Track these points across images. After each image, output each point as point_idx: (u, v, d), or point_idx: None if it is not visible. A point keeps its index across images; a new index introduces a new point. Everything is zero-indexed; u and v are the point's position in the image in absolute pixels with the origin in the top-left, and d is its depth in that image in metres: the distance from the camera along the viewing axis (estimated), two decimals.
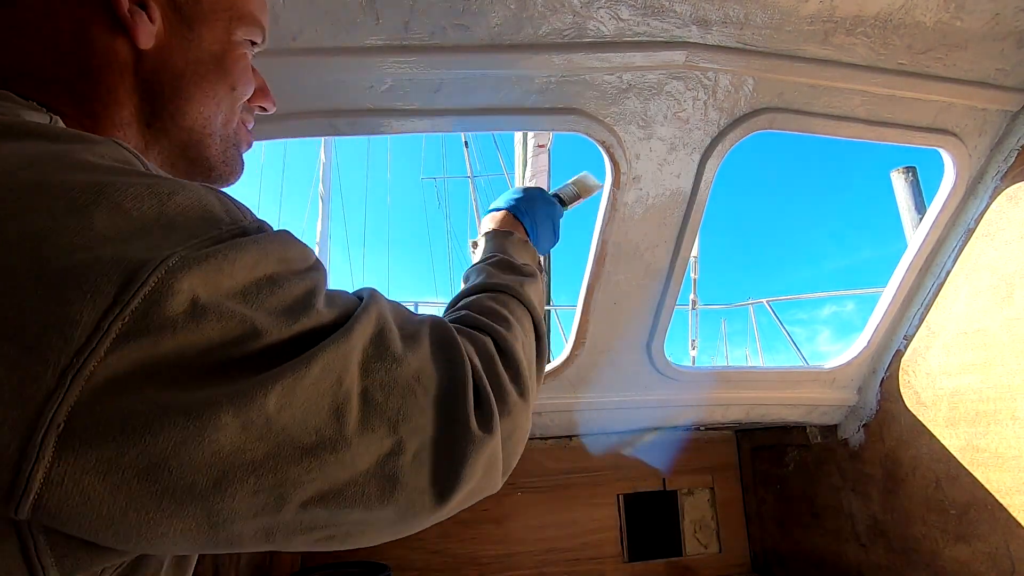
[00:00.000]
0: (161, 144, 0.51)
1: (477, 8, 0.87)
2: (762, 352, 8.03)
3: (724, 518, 1.97)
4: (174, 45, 0.50)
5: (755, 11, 0.94)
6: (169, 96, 0.50)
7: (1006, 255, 1.23)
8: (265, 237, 0.38)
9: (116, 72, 0.47)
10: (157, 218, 0.34)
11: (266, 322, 0.35)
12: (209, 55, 0.52)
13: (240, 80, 0.55)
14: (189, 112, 0.51)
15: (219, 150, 0.55)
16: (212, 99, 0.53)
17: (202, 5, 0.51)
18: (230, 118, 0.55)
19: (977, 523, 1.29)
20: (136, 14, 0.47)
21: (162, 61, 0.49)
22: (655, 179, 1.17)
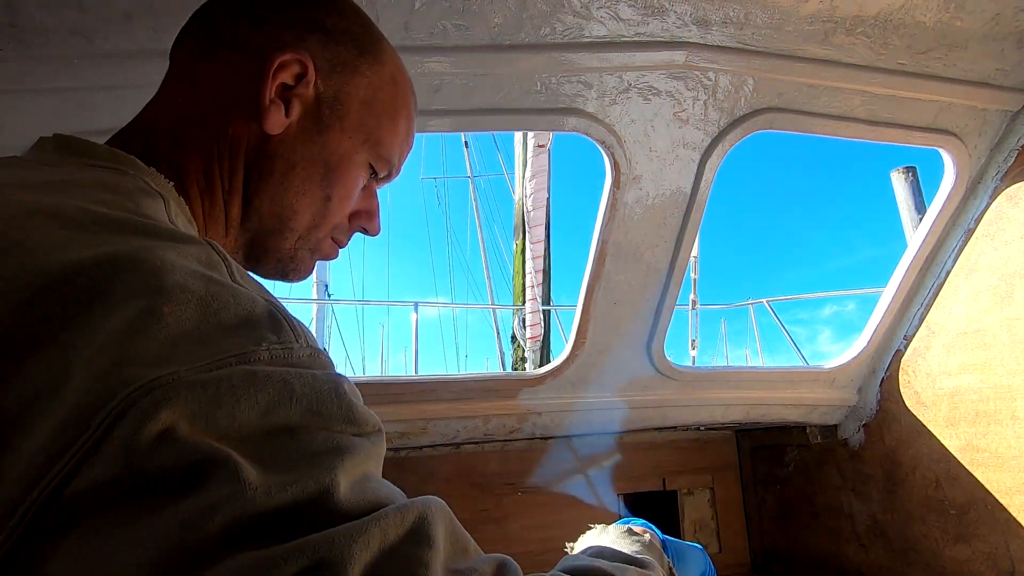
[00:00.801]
0: (251, 220, 0.55)
1: (477, 8, 0.87)
2: (762, 352, 8.03)
3: (724, 518, 1.97)
4: (299, 140, 0.54)
5: (755, 11, 0.94)
6: (276, 181, 0.54)
7: (1006, 255, 1.23)
8: (303, 375, 0.34)
9: (241, 146, 0.53)
10: (189, 331, 0.32)
11: (258, 483, 0.28)
12: (323, 160, 0.56)
13: (340, 193, 0.58)
14: (284, 200, 0.55)
15: (292, 247, 0.58)
16: (307, 197, 0.56)
17: (345, 120, 0.56)
18: (318, 223, 0.58)
19: (977, 523, 1.29)
20: (275, 104, 0.52)
21: (283, 149, 0.54)
22: (655, 179, 1.17)
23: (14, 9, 0.75)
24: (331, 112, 0.55)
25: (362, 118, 0.57)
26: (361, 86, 0.57)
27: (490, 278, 13.05)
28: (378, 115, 0.58)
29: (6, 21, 0.76)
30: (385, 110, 0.59)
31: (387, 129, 0.59)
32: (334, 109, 0.55)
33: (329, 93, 0.55)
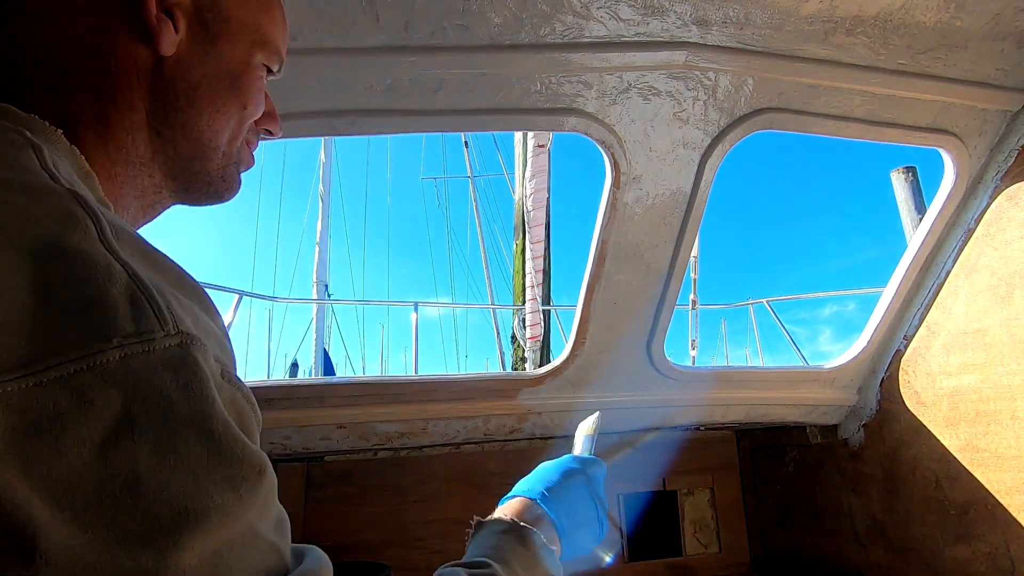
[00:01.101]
0: (167, 154, 0.51)
1: (477, 8, 0.87)
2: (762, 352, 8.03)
3: (724, 518, 1.97)
4: (194, 57, 0.50)
5: (755, 11, 0.94)
6: (182, 106, 0.50)
7: (1006, 255, 1.23)
8: (159, 390, 0.28)
9: (134, 76, 0.47)
10: (6, 318, 0.26)
11: (60, 562, 0.24)
12: (226, 72, 0.52)
13: (252, 100, 0.55)
14: (199, 124, 0.51)
15: (220, 166, 0.55)
16: (222, 114, 0.53)
17: (229, 24, 0.52)
18: (236, 135, 0.56)
19: (977, 523, 1.29)
20: (163, 21, 0.47)
21: (180, 71, 0.49)
22: (655, 179, 1.17)
23: None
24: (214, 18, 0.51)
25: (244, 17, 0.53)
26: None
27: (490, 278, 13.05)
28: (255, 8, 0.55)
29: None
30: (260, 3, 0.55)
31: (268, 22, 0.56)
32: (216, 14, 0.51)
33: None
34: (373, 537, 1.71)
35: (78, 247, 0.30)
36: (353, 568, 1.62)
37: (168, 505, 0.25)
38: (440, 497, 1.77)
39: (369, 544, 1.71)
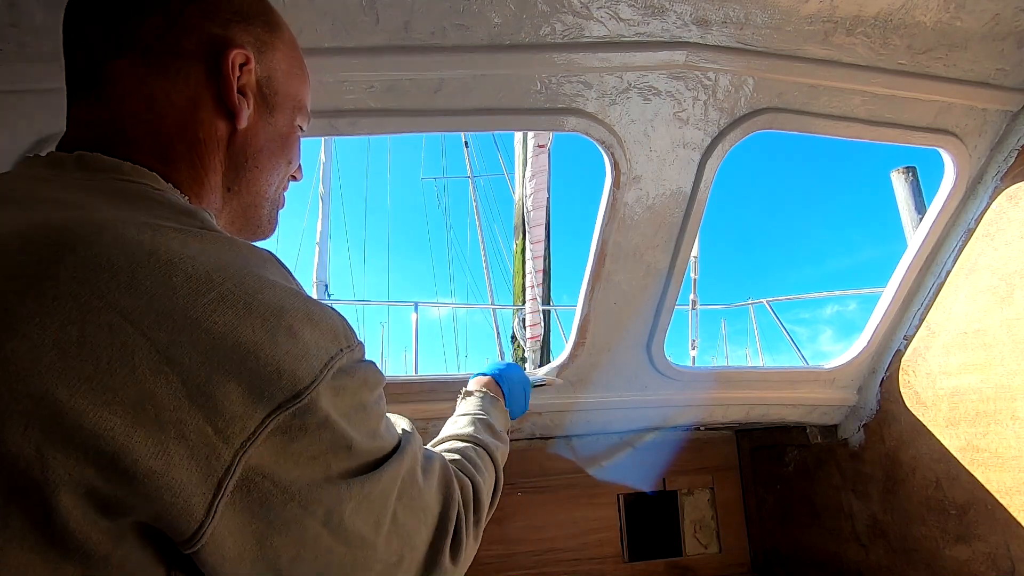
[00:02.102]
0: (232, 205, 0.61)
1: (477, 8, 0.87)
2: (762, 352, 8.03)
3: (724, 518, 1.97)
4: (259, 127, 0.60)
5: (755, 11, 0.94)
6: (249, 167, 0.60)
7: (1006, 255, 1.23)
8: (363, 365, 0.48)
9: (215, 145, 0.57)
10: (314, 341, 0.43)
11: (358, 441, 0.45)
12: (279, 135, 0.63)
13: (295, 156, 0.67)
14: (259, 180, 0.62)
15: (268, 212, 0.65)
16: (275, 170, 0.63)
17: (278, 97, 0.62)
18: (280, 186, 0.66)
19: (977, 523, 1.29)
20: (242, 100, 0.57)
21: (249, 139, 0.59)
22: (655, 179, 1.17)
23: (15, 9, 0.75)
24: (271, 92, 0.61)
25: (288, 89, 0.63)
26: (280, 59, 0.62)
27: (490, 278, 13.04)
28: (297, 81, 0.65)
29: (7, 21, 0.76)
30: (298, 73, 0.65)
31: (304, 90, 0.66)
32: (271, 88, 0.61)
33: (264, 75, 0.60)
34: None
35: (305, 294, 0.48)
36: None
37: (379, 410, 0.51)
38: None
39: None
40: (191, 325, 0.37)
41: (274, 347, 0.40)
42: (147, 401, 0.35)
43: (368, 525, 0.46)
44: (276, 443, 0.39)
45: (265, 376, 0.39)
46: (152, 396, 0.35)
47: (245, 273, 0.41)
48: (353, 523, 0.44)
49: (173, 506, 0.36)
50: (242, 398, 0.38)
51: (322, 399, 0.41)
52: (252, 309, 0.40)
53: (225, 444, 0.37)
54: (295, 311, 0.42)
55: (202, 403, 0.36)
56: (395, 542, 0.49)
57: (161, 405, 0.35)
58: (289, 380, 0.40)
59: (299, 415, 0.40)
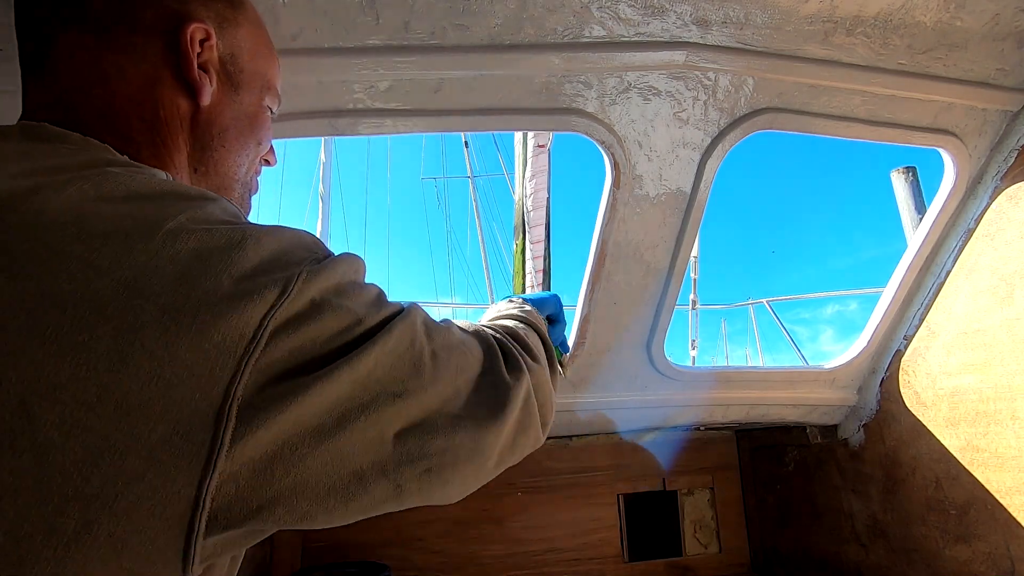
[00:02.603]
0: (200, 187, 0.58)
1: (477, 8, 0.87)
2: (762, 352, 8.03)
3: (724, 518, 1.97)
4: (224, 104, 0.59)
5: (755, 11, 0.94)
6: (215, 146, 0.59)
7: (1006, 255, 1.23)
8: (344, 257, 0.48)
9: (177, 124, 0.55)
10: (284, 249, 0.43)
11: (363, 312, 0.46)
12: (246, 115, 0.61)
13: (265, 137, 0.65)
14: (226, 160, 0.61)
15: (239, 194, 0.64)
16: (243, 151, 0.62)
17: (245, 74, 0.61)
18: (250, 168, 0.65)
19: (977, 523, 1.29)
20: (203, 76, 0.55)
21: (213, 117, 0.58)
22: (655, 179, 1.17)
23: (13, 8, 0.75)
24: (235, 70, 0.59)
25: (255, 67, 0.62)
26: (244, 36, 0.60)
27: (490, 278, 13.04)
28: (263, 59, 0.63)
29: (6, 21, 0.76)
30: (264, 52, 0.64)
31: (271, 68, 0.65)
32: (236, 65, 0.59)
33: (226, 52, 0.58)
34: (373, 537, 1.71)
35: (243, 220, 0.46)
36: (353, 568, 1.63)
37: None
38: None
39: (369, 544, 1.71)
40: (154, 258, 0.37)
41: (246, 262, 0.40)
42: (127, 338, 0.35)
43: (402, 370, 0.47)
44: (284, 341, 0.39)
45: (249, 286, 0.38)
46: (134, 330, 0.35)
47: (199, 208, 0.42)
48: (383, 373, 0.45)
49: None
50: (234, 309, 0.37)
51: (310, 288, 0.42)
52: (213, 232, 0.40)
53: (227, 356, 0.37)
54: (257, 232, 0.42)
55: (187, 324, 0.36)
56: (445, 376, 0.50)
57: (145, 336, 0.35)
58: (273, 282, 0.40)
59: (291, 309, 0.40)
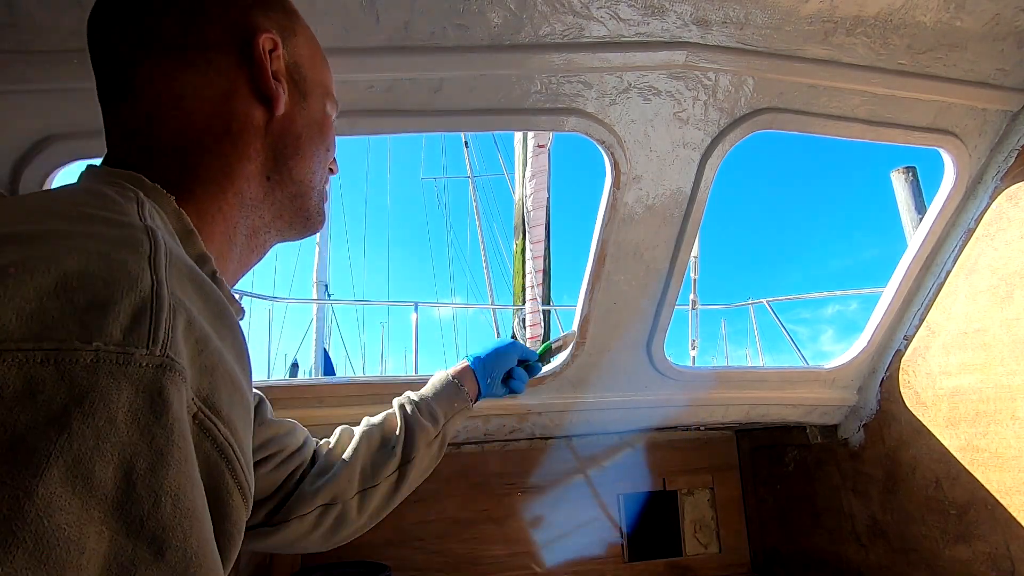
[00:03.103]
0: (275, 195, 0.59)
1: (477, 8, 0.87)
2: (762, 352, 8.03)
3: (724, 518, 1.97)
4: (295, 113, 0.59)
5: (755, 11, 0.94)
6: (290, 154, 0.59)
7: (1006, 255, 1.23)
8: (118, 419, 0.30)
9: (251, 134, 0.56)
10: (24, 302, 0.30)
11: None
12: (315, 122, 0.62)
13: (332, 143, 0.66)
14: (301, 168, 0.60)
15: (316, 202, 0.64)
16: (315, 158, 0.62)
17: (308, 82, 0.61)
18: (324, 175, 0.65)
19: (977, 523, 1.29)
20: (278, 87, 0.56)
21: (287, 126, 0.58)
22: (655, 179, 1.17)
23: (13, 8, 0.75)
24: (300, 79, 0.60)
25: (315, 76, 0.62)
26: (302, 44, 0.61)
27: (490, 278, 13.05)
28: (321, 66, 0.64)
29: (6, 21, 0.76)
30: (319, 58, 0.64)
31: (328, 76, 0.65)
32: (300, 73, 0.60)
33: (291, 60, 0.59)
34: (373, 537, 1.71)
35: (121, 258, 0.33)
36: (353, 568, 1.62)
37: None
38: (440, 497, 1.77)
39: (369, 544, 1.71)
40: None
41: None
42: None
43: None
44: None
45: None
46: None
47: None
48: None
49: None
50: None
51: None
52: None
53: None
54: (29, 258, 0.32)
55: None
56: None
57: None
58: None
59: None
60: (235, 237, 0.57)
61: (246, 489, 0.39)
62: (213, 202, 0.54)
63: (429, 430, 0.91)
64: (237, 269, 0.60)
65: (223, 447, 0.37)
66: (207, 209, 0.53)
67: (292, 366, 10.62)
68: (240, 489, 0.38)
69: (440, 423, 0.93)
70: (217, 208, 0.54)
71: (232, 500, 0.37)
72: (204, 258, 0.49)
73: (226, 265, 0.57)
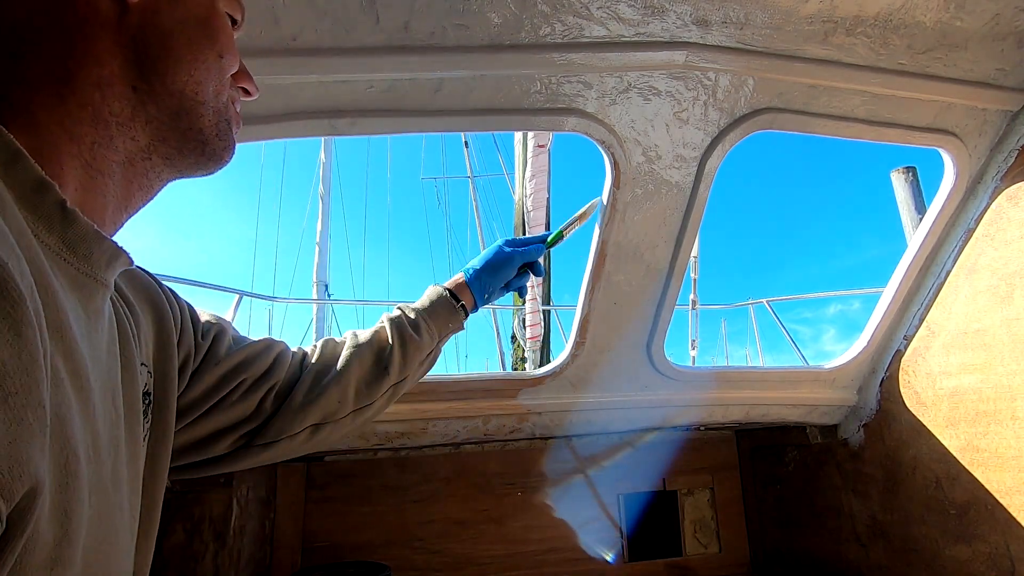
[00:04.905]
0: (148, 110, 0.49)
1: (477, 8, 0.87)
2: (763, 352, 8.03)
3: (724, 518, 1.97)
4: (161, 3, 0.48)
5: (755, 11, 0.94)
6: (157, 56, 0.48)
7: (1006, 255, 1.23)
8: None
9: (96, 27, 0.45)
10: None
11: None
12: (195, 17, 0.50)
13: (227, 49, 0.53)
14: (179, 75, 0.49)
15: (212, 122, 0.53)
16: (202, 63, 0.51)
17: None
18: (220, 89, 0.53)
19: (977, 523, 1.29)
20: None
21: (148, 18, 0.47)
22: (655, 179, 1.17)
23: None
24: None
25: None
26: None
27: None
28: None
29: None
30: None
31: None
32: None
33: None
34: (373, 537, 1.71)
35: None
36: (353, 568, 1.62)
37: None
38: (440, 497, 1.77)
39: (369, 544, 1.71)
40: None
41: None
42: None
43: None
44: None
45: None
46: None
47: None
48: None
49: None
50: None
51: None
52: None
53: None
54: None
55: None
56: None
57: None
58: None
59: None
60: (100, 164, 0.47)
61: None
62: (51, 118, 0.43)
63: (423, 347, 0.90)
64: (118, 208, 0.50)
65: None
66: (43, 126, 0.42)
67: None
68: None
69: (435, 341, 0.92)
70: (58, 123, 0.43)
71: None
72: (43, 185, 0.39)
73: (97, 202, 0.47)
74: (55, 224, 0.41)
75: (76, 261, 0.43)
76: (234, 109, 0.57)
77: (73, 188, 0.45)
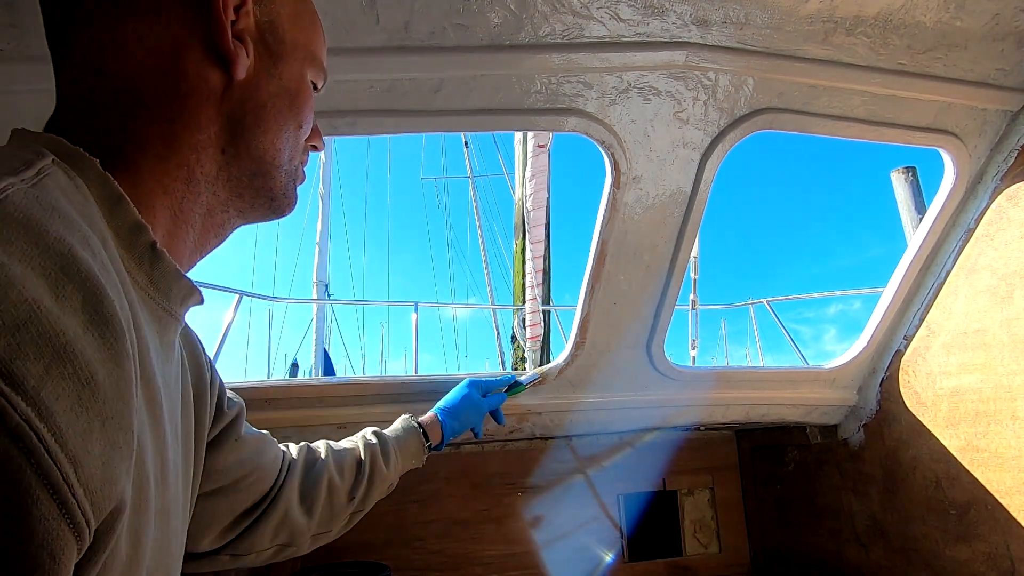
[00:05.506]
0: (231, 171, 0.53)
1: (477, 8, 0.87)
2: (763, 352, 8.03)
3: (724, 518, 1.97)
4: (260, 79, 0.53)
5: (755, 11, 0.94)
6: (249, 126, 0.52)
7: (1006, 255, 1.23)
8: None
9: (204, 98, 0.49)
10: None
11: None
12: (286, 92, 0.55)
13: (307, 118, 0.59)
14: (263, 143, 0.54)
15: (282, 183, 0.57)
16: (284, 133, 0.56)
17: (285, 46, 0.55)
18: (294, 154, 0.59)
19: (977, 523, 1.29)
20: (238, 47, 0.50)
21: (249, 92, 0.52)
22: (655, 179, 1.17)
23: (14, 9, 0.75)
24: (274, 40, 0.54)
25: (296, 36, 0.56)
26: (282, 2, 0.54)
27: (490, 278, 13.05)
28: (307, 28, 0.58)
29: (6, 21, 0.76)
30: (307, 20, 0.58)
31: (316, 39, 0.59)
32: (274, 35, 0.54)
33: (264, 19, 0.53)
34: (373, 537, 1.71)
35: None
36: (353, 568, 1.62)
37: None
38: (440, 497, 1.77)
39: (369, 544, 1.71)
40: None
41: None
42: None
43: None
44: None
45: None
46: None
47: None
48: None
49: None
50: None
51: None
52: None
53: None
54: None
55: None
56: None
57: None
58: None
59: None
60: (186, 215, 0.51)
61: (77, 515, 0.29)
62: (152, 173, 0.47)
63: (387, 480, 0.97)
64: (194, 251, 0.55)
65: (21, 433, 0.26)
66: (144, 180, 0.47)
67: (292, 366, 10.64)
68: (65, 510, 0.28)
69: (397, 475, 1.00)
70: (157, 180, 0.47)
71: (38, 514, 0.27)
72: (139, 228, 0.44)
73: (179, 246, 0.52)
74: (144, 262, 0.45)
75: (158, 296, 0.47)
76: (302, 169, 0.62)
77: (161, 233, 0.49)
